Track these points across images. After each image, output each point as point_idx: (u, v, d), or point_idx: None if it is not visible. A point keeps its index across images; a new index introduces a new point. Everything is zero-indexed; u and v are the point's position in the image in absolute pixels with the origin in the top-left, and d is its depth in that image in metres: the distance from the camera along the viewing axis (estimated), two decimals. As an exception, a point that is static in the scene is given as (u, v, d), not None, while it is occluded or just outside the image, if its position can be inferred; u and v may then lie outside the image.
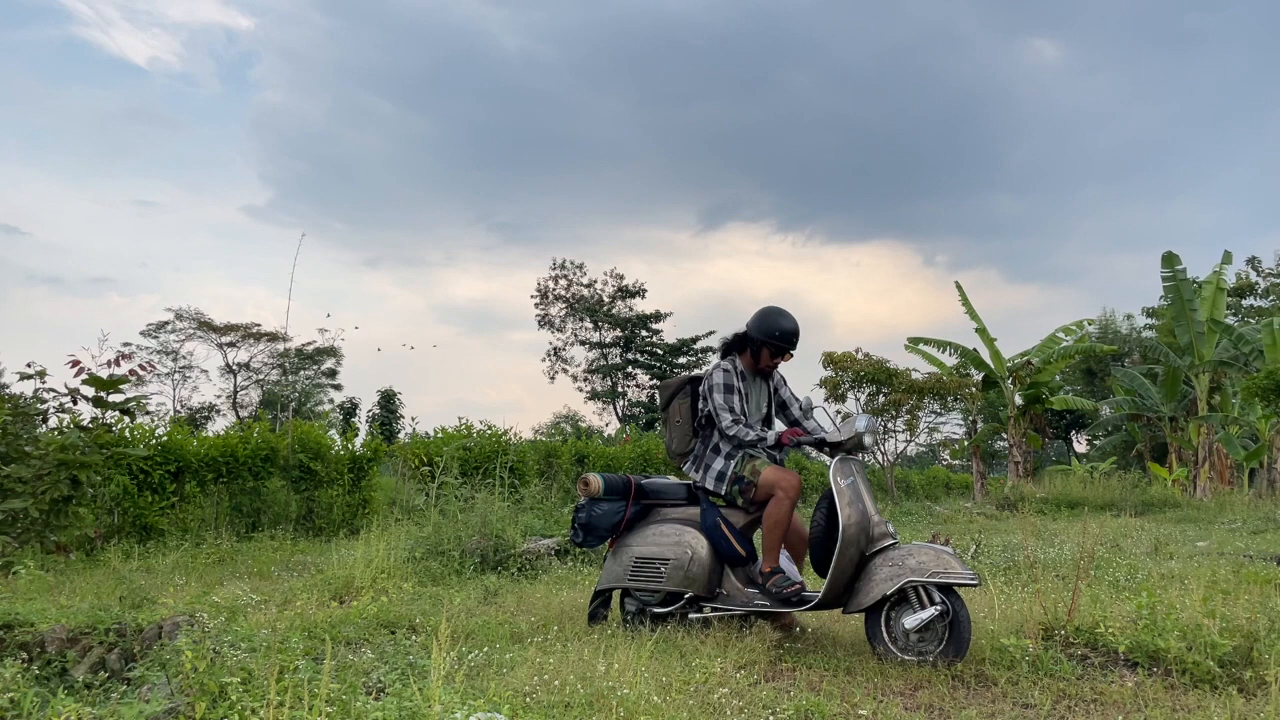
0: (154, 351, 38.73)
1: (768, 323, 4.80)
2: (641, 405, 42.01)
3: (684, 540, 4.68)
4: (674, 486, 5.02)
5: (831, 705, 3.27)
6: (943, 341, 23.15)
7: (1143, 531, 10.68)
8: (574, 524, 4.96)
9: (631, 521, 4.92)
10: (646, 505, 4.97)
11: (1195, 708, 3.27)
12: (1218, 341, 22.81)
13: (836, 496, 4.29)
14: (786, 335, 4.77)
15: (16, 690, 2.89)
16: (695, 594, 4.63)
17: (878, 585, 4.07)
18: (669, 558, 4.66)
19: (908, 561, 4.07)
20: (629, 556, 4.80)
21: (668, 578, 4.65)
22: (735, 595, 4.62)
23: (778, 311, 4.85)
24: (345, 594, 5.74)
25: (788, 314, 4.85)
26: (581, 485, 4.93)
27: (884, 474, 20.92)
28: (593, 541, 4.95)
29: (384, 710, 2.62)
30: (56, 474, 7.05)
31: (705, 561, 4.61)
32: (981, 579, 4.28)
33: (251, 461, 10.21)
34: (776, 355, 4.85)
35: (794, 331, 4.79)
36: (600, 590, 4.94)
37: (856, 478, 4.38)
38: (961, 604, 3.98)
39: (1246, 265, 40.77)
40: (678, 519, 4.83)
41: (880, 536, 4.26)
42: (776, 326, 4.77)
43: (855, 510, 4.24)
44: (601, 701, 3.10)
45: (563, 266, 43.32)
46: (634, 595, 4.87)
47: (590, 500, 4.92)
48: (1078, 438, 47.02)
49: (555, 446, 15.11)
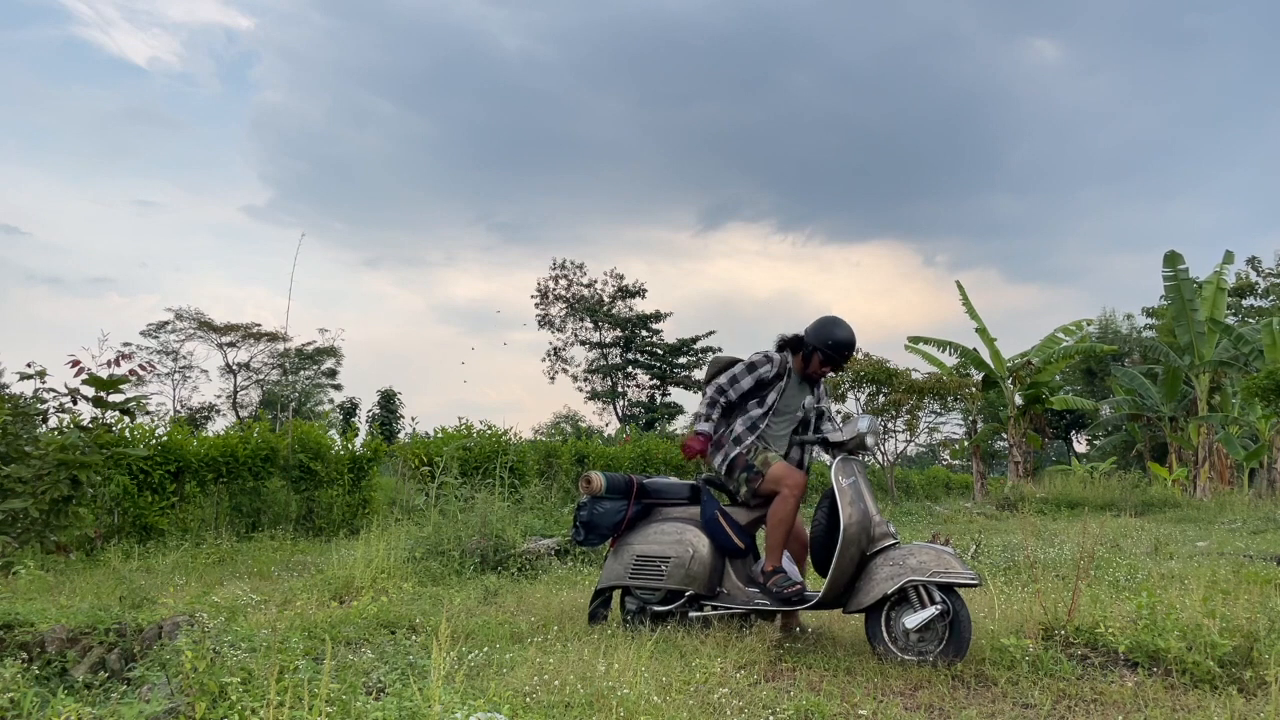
0: (154, 351, 38.75)
1: (824, 331, 4.81)
2: (641, 405, 42.01)
3: (685, 539, 4.69)
4: (676, 486, 5.04)
5: (831, 705, 3.27)
6: (943, 341, 23.15)
7: (1143, 531, 10.69)
8: (576, 522, 4.97)
9: (633, 520, 4.93)
10: (648, 504, 4.98)
11: (1195, 708, 3.27)
12: (1218, 341, 22.80)
13: (838, 496, 4.30)
14: (839, 346, 4.78)
15: (16, 690, 2.89)
16: (696, 592, 4.64)
17: (878, 585, 4.08)
18: (670, 556, 4.68)
19: (908, 561, 4.07)
20: (630, 555, 4.81)
21: (669, 576, 4.66)
22: (736, 594, 4.63)
23: (835, 322, 4.85)
24: (345, 594, 5.74)
25: (846, 326, 4.86)
26: (584, 483, 4.94)
27: (884, 474, 20.92)
28: (594, 540, 4.97)
29: (384, 710, 2.62)
30: (56, 474, 7.05)
31: (706, 560, 4.63)
32: (982, 579, 4.29)
33: (251, 461, 10.21)
34: (826, 364, 4.86)
35: (847, 343, 4.81)
36: (601, 589, 4.95)
37: (858, 477, 4.39)
38: (962, 604, 3.99)
39: (1246, 265, 40.81)
40: (679, 518, 4.84)
41: (881, 536, 4.26)
42: (831, 336, 4.79)
43: (857, 510, 4.25)
44: (601, 701, 3.10)
45: (563, 266, 43.32)
46: (634, 594, 4.88)
47: (592, 499, 4.93)
48: (1078, 438, 47.04)
49: (555, 446, 15.11)
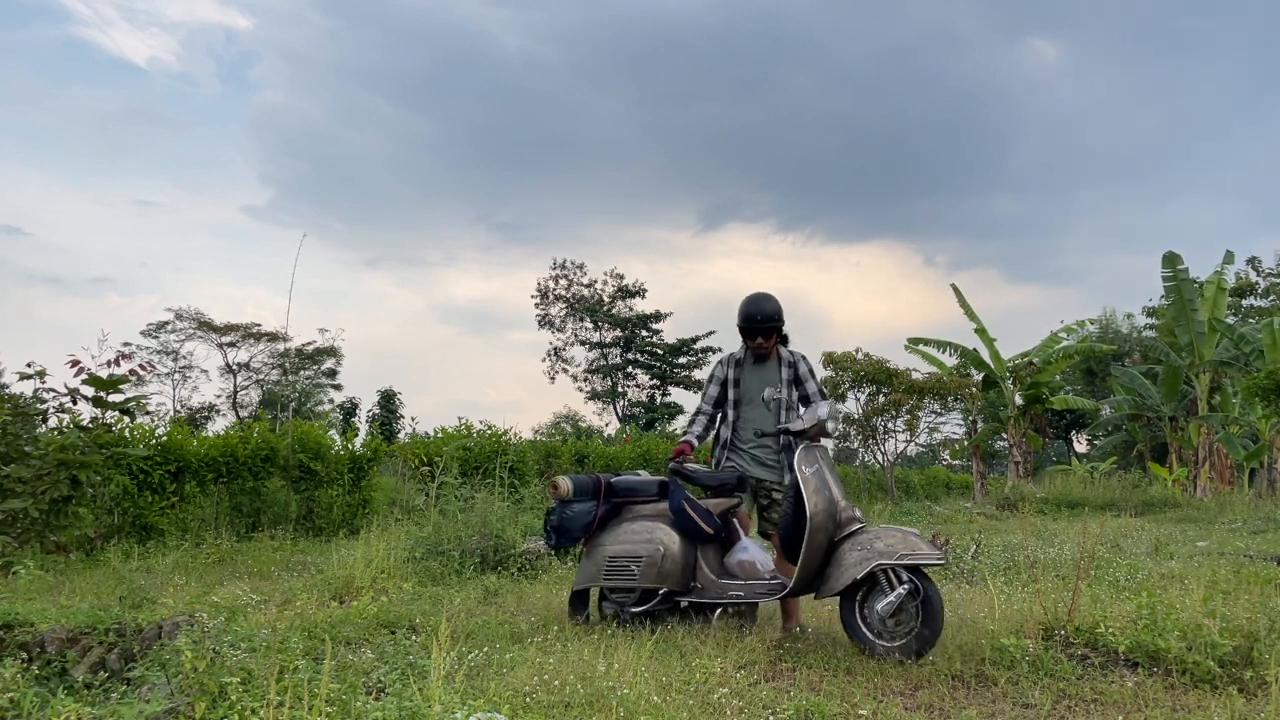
0: (154, 351, 38.73)
1: (739, 309, 5.03)
2: (641, 405, 42.00)
3: (655, 537, 4.69)
4: (645, 483, 5.03)
5: (831, 705, 3.27)
6: (943, 342, 23.15)
7: (1143, 531, 10.68)
8: (546, 527, 4.98)
9: (604, 520, 4.93)
10: (618, 503, 4.98)
11: (1195, 708, 3.27)
12: (1218, 341, 22.80)
13: (802, 485, 4.32)
14: (744, 318, 4.99)
15: (16, 690, 2.89)
16: (670, 589, 4.65)
17: (847, 570, 4.12)
18: (641, 555, 4.68)
19: (875, 545, 4.13)
20: (602, 556, 4.81)
21: (641, 575, 4.66)
22: (709, 587, 4.65)
23: (747, 298, 5.04)
24: (345, 594, 5.74)
25: (754, 297, 5.03)
26: (551, 489, 4.95)
27: (884, 474, 20.92)
28: (566, 543, 4.97)
29: (384, 710, 2.62)
30: (56, 474, 7.05)
31: (678, 557, 4.64)
32: (946, 557, 4.35)
33: (251, 461, 10.21)
34: (748, 337, 5.04)
35: (751, 314, 4.97)
36: (578, 590, 4.95)
37: (821, 465, 4.42)
38: (932, 584, 4.07)
39: (1246, 265, 40.78)
40: (650, 515, 4.84)
41: (848, 521, 4.32)
42: (740, 311, 5.01)
43: (822, 498, 4.29)
44: (601, 701, 3.10)
45: (563, 266, 43.30)
46: (609, 597, 4.88)
47: (560, 503, 4.92)
48: (1078, 438, 47.04)
49: (555, 446, 15.12)
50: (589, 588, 4.92)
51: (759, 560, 4.69)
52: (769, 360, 5.05)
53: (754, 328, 4.96)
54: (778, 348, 5.08)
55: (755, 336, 4.98)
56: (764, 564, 4.67)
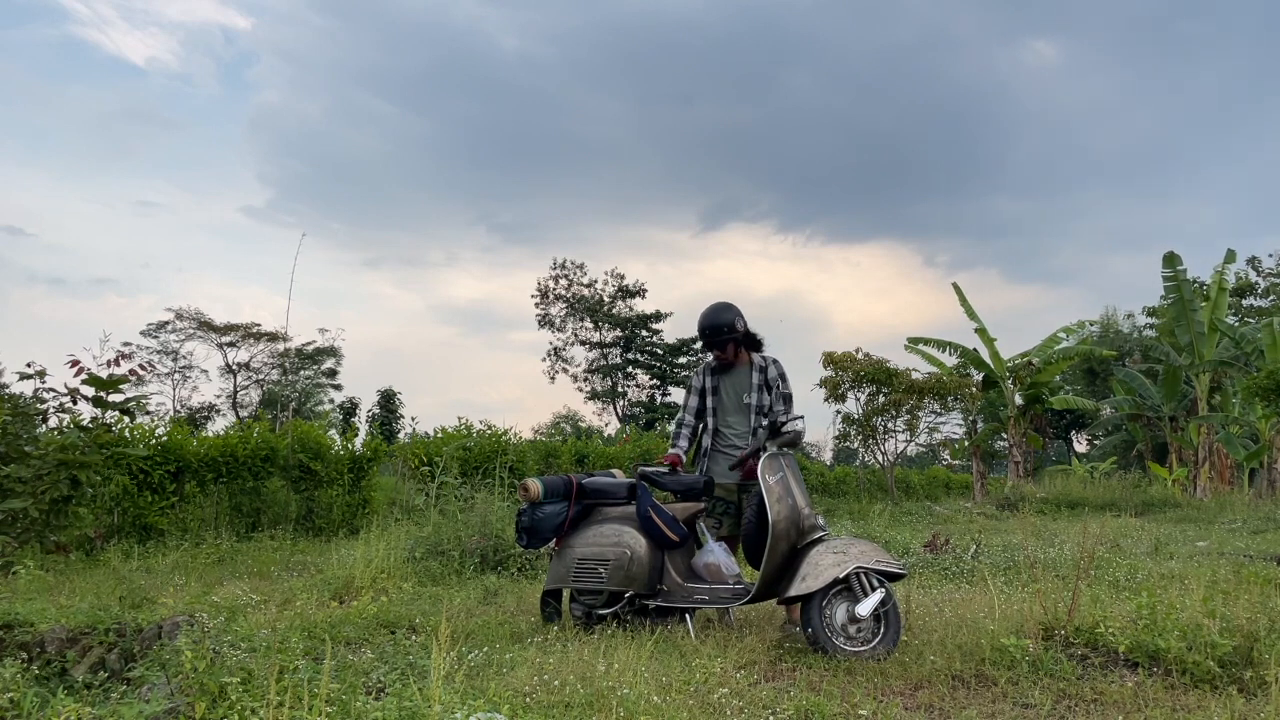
0: (154, 351, 38.81)
1: (697, 323, 5.13)
2: (641, 405, 42.01)
3: (623, 540, 4.69)
4: (616, 485, 5.02)
5: (831, 705, 3.27)
6: (943, 341, 23.15)
7: (1143, 531, 10.69)
8: (518, 528, 4.96)
9: (575, 520, 4.93)
10: (589, 505, 4.98)
11: (1195, 708, 3.27)
12: (1218, 341, 22.80)
13: (765, 494, 4.34)
14: (699, 331, 5.11)
15: (16, 690, 2.89)
16: (637, 592, 4.65)
17: (826, 570, 4.14)
18: (609, 558, 4.67)
19: (851, 550, 4.20)
20: (571, 558, 4.81)
21: (609, 578, 4.66)
22: (676, 591, 4.65)
23: (703, 311, 5.13)
24: (345, 594, 5.74)
25: (708, 310, 5.11)
26: (521, 491, 4.93)
27: (884, 474, 20.91)
28: (537, 544, 4.95)
29: (384, 710, 2.62)
30: (56, 474, 7.05)
31: (645, 560, 4.63)
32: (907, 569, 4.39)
33: (251, 461, 10.20)
34: (709, 349, 5.16)
35: (703, 328, 5.11)
36: (548, 591, 4.94)
37: (786, 473, 4.45)
38: (892, 594, 4.14)
39: (1246, 265, 40.82)
40: (618, 518, 4.84)
41: (810, 529, 4.37)
42: (697, 325, 5.12)
43: (785, 506, 4.33)
44: (601, 701, 3.10)
45: (563, 266, 43.32)
46: (578, 599, 4.88)
47: (531, 505, 4.92)
48: (1078, 438, 47.05)
49: (555, 446, 15.11)
50: (558, 589, 4.92)
51: (724, 564, 4.70)
52: (740, 367, 5.15)
53: (709, 340, 5.08)
54: (749, 354, 5.14)
55: (713, 348, 5.09)
56: (729, 568, 4.68)
